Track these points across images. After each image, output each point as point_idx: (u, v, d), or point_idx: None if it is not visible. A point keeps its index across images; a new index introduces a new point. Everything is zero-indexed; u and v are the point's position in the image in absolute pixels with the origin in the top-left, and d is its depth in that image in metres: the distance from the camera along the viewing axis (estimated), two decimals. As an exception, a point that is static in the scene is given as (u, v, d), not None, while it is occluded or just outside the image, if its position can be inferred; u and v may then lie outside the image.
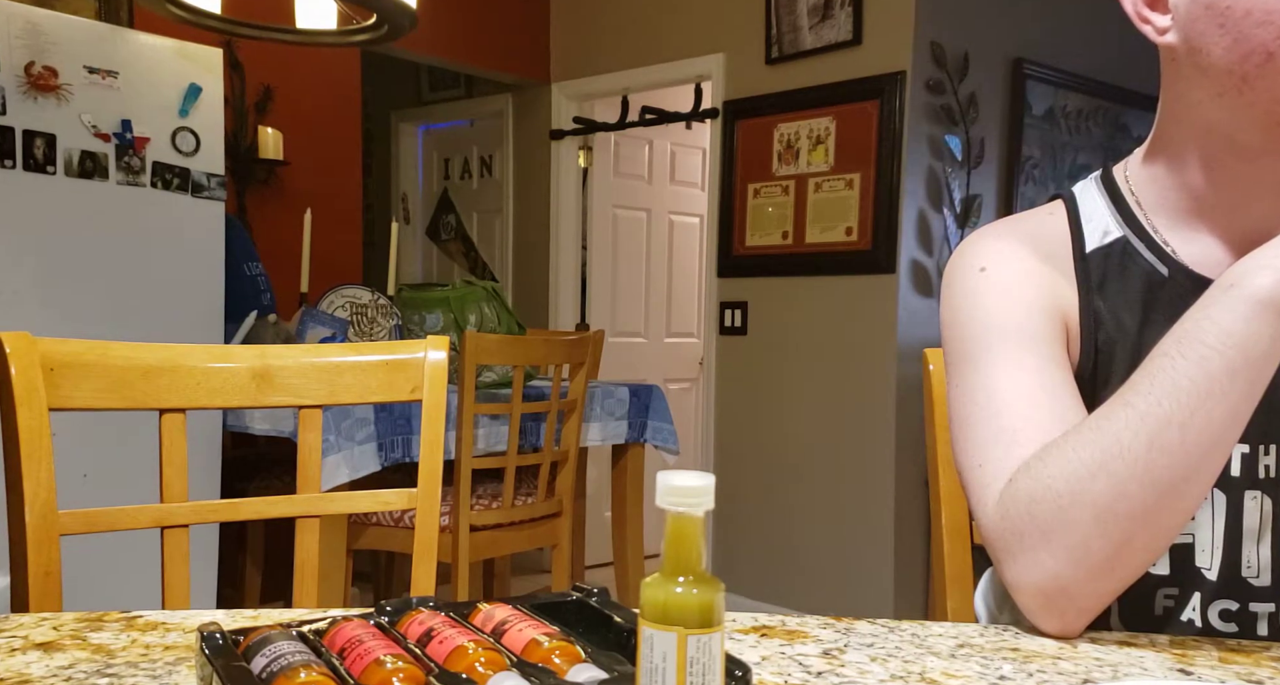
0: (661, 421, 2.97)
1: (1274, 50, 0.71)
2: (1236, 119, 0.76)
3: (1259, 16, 0.71)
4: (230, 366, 1.04)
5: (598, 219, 4.40)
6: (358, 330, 2.83)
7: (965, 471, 0.79)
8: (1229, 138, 0.78)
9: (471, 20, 4.14)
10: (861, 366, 3.33)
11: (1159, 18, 0.78)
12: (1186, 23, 0.76)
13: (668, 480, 0.45)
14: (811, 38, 3.42)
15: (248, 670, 0.54)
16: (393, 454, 2.32)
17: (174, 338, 2.45)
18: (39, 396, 0.92)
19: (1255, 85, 0.73)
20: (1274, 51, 0.71)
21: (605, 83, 4.18)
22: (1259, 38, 0.71)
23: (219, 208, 2.62)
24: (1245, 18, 0.72)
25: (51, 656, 0.66)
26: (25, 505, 0.90)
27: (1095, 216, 0.88)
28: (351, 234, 3.85)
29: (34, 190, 2.30)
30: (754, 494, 3.64)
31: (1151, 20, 0.79)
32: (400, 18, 2.31)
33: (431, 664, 0.55)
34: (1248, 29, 0.72)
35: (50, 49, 2.30)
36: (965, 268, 0.87)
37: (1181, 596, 0.81)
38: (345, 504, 1.10)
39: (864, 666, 0.66)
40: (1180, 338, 0.68)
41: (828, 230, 3.40)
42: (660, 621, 0.44)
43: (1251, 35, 0.72)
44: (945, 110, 3.31)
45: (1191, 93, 0.79)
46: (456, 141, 4.92)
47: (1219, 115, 0.77)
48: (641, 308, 4.56)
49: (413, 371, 1.11)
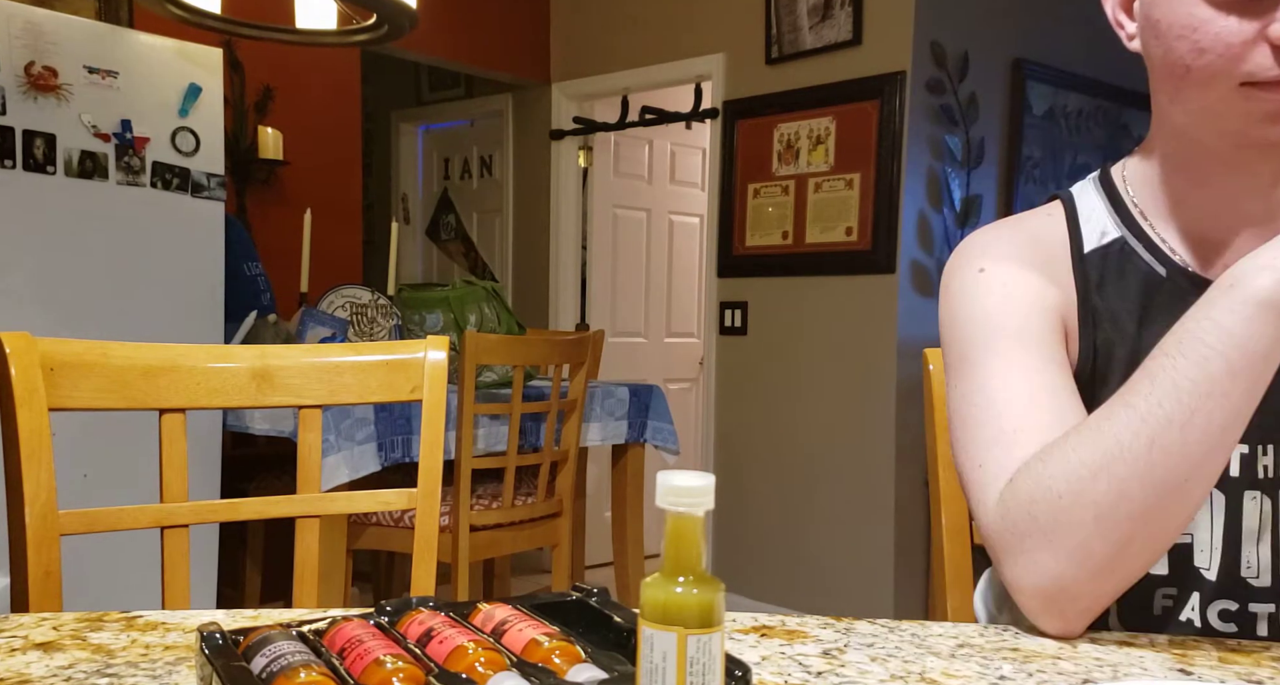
0: (661, 421, 2.97)
1: (1190, 63, 0.73)
2: (1192, 123, 0.78)
3: (1176, 31, 0.74)
4: (230, 366, 1.04)
5: (598, 219, 4.40)
6: (358, 330, 2.83)
7: (965, 472, 0.79)
8: (1197, 142, 0.80)
9: (471, 20, 4.14)
10: (861, 366, 3.33)
11: (1129, 24, 0.83)
12: (1140, 32, 0.80)
13: (668, 480, 0.45)
14: (811, 38, 3.42)
15: (248, 670, 0.54)
16: (393, 454, 2.32)
17: (174, 338, 2.45)
18: (39, 396, 0.92)
19: (1186, 94, 0.76)
20: (1190, 65, 0.73)
21: (605, 83, 4.18)
22: (1178, 51, 0.74)
23: (219, 208, 2.62)
24: (1168, 31, 0.75)
25: (51, 656, 0.66)
26: (25, 505, 0.90)
27: (1093, 217, 0.88)
28: (351, 234, 3.85)
29: (34, 190, 2.30)
30: (754, 494, 3.64)
31: (1124, 26, 0.83)
32: (400, 18, 2.31)
33: (431, 664, 0.55)
34: (1169, 42, 0.75)
35: (50, 49, 2.30)
36: (964, 268, 0.87)
37: (1180, 597, 0.81)
38: (345, 504, 1.10)
39: (864, 666, 0.66)
40: (1180, 338, 0.68)
41: (828, 230, 3.40)
42: (660, 621, 0.44)
43: (1173, 48, 0.75)
44: (945, 110, 3.31)
45: (1158, 97, 0.82)
46: (456, 141, 4.92)
47: (1180, 120, 0.80)
48: (641, 308, 4.56)
49: (413, 371, 1.11)
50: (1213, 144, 0.78)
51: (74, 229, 2.37)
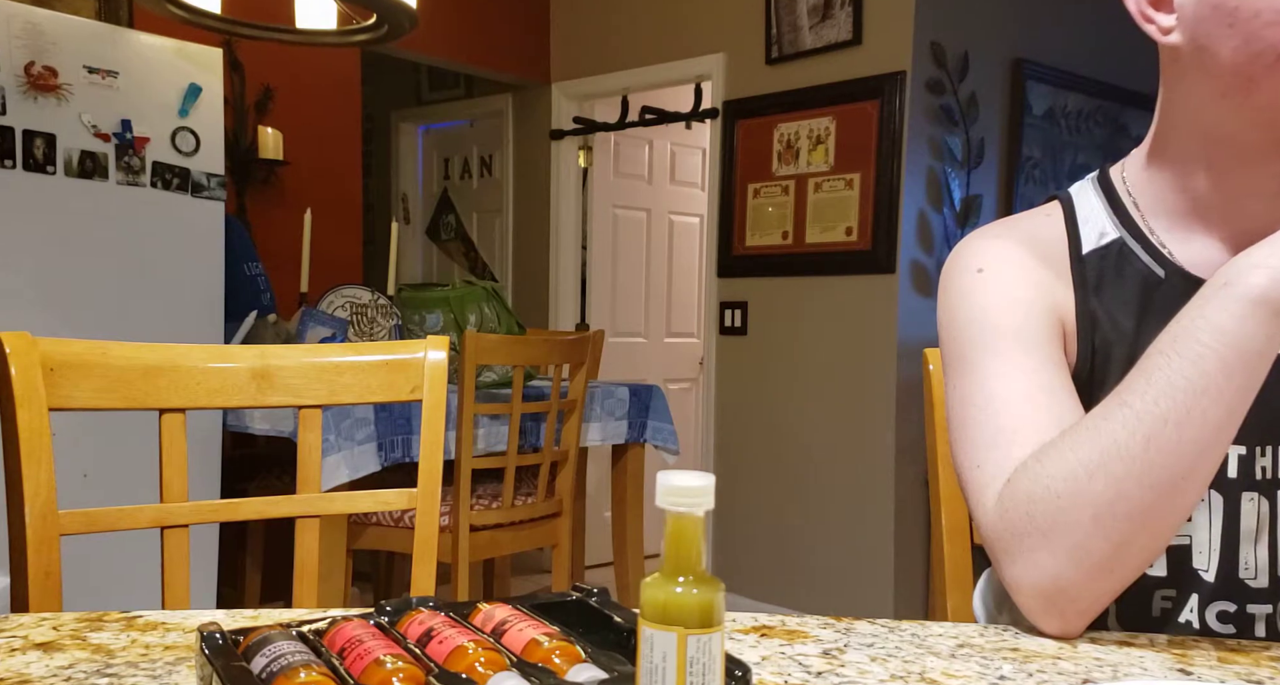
0: (661, 421, 2.97)
1: None
2: (1239, 120, 0.76)
3: (1269, 17, 0.71)
4: (230, 366, 1.05)
5: (598, 219, 4.40)
6: (358, 330, 2.83)
7: (964, 472, 0.79)
8: (1230, 139, 0.78)
9: (471, 20, 4.14)
10: (861, 366, 3.33)
11: (1163, 17, 0.78)
12: (1194, 23, 0.76)
13: (668, 480, 0.45)
14: (811, 38, 3.42)
15: (248, 670, 0.54)
16: (393, 454, 2.32)
17: (174, 338, 2.45)
18: (39, 396, 0.92)
19: (1263, 86, 0.73)
20: None
21: (605, 83, 4.18)
22: (1269, 38, 0.71)
23: (219, 208, 2.62)
24: (1255, 18, 0.71)
25: (51, 656, 0.66)
26: (25, 505, 0.90)
27: (1092, 218, 0.88)
28: (351, 234, 3.85)
29: (34, 190, 2.30)
30: (754, 494, 3.64)
31: (1155, 20, 0.79)
32: (400, 18, 2.31)
33: (431, 664, 0.55)
34: (1257, 29, 0.72)
35: (50, 49, 2.30)
36: (962, 269, 0.87)
37: (1179, 598, 0.81)
38: (345, 504, 1.10)
39: (864, 666, 0.66)
40: (1175, 336, 0.68)
41: (828, 230, 3.40)
42: (660, 621, 0.44)
43: (1262, 36, 0.71)
44: (945, 110, 3.31)
45: (1194, 93, 0.79)
46: (456, 141, 4.92)
47: (1221, 116, 0.77)
48: (641, 308, 4.56)
49: (413, 371, 1.11)
50: (1257, 140, 0.76)
51: (74, 229, 2.37)
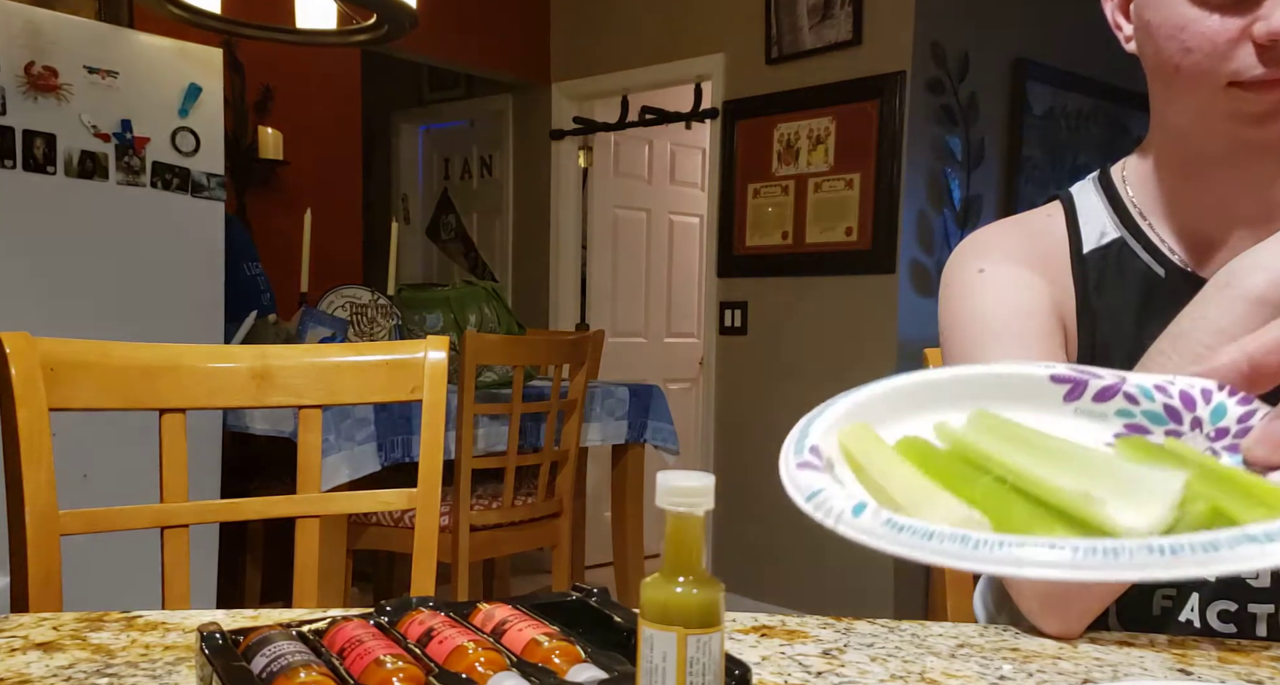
0: (661, 421, 2.97)
1: (1178, 63, 0.74)
2: (1187, 124, 0.79)
3: (1166, 31, 0.74)
4: (230, 366, 1.04)
5: (598, 219, 4.40)
6: (358, 330, 2.83)
7: (964, 472, 0.79)
8: (1192, 141, 0.80)
9: (471, 20, 4.14)
10: (861, 366, 3.33)
11: (1126, 26, 0.83)
12: (1135, 33, 0.81)
13: (668, 480, 0.45)
14: (811, 38, 3.42)
15: (248, 670, 0.54)
16: (393, 454, 2.32)
17: (174, 338, 2.45)
18: (39, 396, 0.92)
19: (1177, 95, 0.77)
20: (1179, 64, 0.74)
21: (605, 83, 4.18)
22: (1168, 51, 0.75)
23: (219, 208, 2.62)
24: (1158, 31, 0.75)
25: (51, 656, 0.66)
26: (25, 505, 0.90)
27: (1093, 217, 0.88)
28: (351, 234, 3.85)
29: (34, 190, 2.30)
30: (754, 494, 3.64)
31: (1122, 28, 0.84)
32: (400, 18, 2.31)
33: (431, 664, 0.55)
34: (1159, 42, 0.75)
35: (50, 49, 2.30)
36: (963, 269, 0.87)
37: (1180, 597, 0.81)
38: (345, 504, 1.10)
39: (864, 666, 0.66)
40: (1175, 337, 0.68)
41: (828, 230, 3.40)
42: (660, 621, 0.44)
43: (1162, 48, 0.75)
44: (945, 110, 3.31)
45: (1155, 98, 0.82)
46: (456, 141, 4.91)
47: (1175, 120, 0.80)
48: (641, 308, 4.56)
49: (413, 371, 1.11)
50: (1207, 144, 0.78)
51: (74, 229, 2.37)
